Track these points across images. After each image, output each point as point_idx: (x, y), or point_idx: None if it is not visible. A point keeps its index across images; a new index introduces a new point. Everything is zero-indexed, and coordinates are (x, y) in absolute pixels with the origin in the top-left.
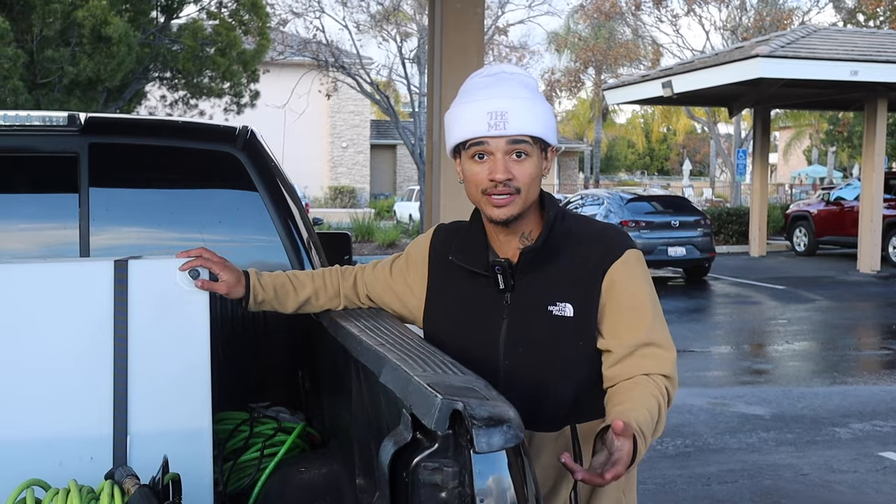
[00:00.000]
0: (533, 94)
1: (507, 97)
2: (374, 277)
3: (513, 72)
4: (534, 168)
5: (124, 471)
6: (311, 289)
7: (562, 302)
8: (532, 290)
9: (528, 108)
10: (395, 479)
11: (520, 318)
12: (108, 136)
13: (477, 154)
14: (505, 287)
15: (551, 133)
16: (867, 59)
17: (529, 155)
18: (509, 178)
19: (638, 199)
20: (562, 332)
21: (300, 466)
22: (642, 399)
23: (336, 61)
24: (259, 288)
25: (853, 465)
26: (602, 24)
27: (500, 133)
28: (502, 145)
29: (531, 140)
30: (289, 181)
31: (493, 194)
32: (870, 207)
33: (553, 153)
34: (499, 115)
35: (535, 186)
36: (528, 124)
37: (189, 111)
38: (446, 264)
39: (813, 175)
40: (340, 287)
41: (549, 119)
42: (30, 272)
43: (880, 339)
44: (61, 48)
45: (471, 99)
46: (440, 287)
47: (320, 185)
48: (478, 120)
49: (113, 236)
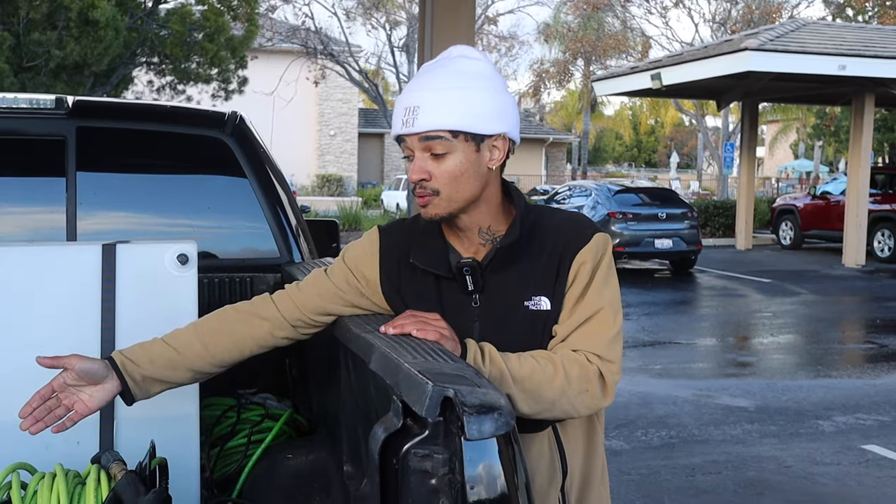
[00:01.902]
0: (463, 81)
1: (424, 90)
2: (310, 294)
3: (456, 55)
4: (457, 166)
5: (111, 455)
6: (199, 345)
7: (536, 296)
8: (503, 288)
9: (443, 100)
10: (385, 466)
11: (493, 318)
12: (96, 119)
13: (405, 153)
14: (474, 288)
15: (483, 123)
16: (856, 53)
17: (450, 151)
18: (423, 178)
19: (625, 191)
20: (539, 326)
21: (287, 453)
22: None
23: (325, 49)
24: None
25: (836, 457)
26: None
27: (409, 130)
28: (416, 143)
29: (449, 134)
30: (278, 167)
31: (416, 195)
32: (856, 202)
33: (505, 141)
34: (411, 110)
35: (462, 185)
36: (440, 118)
37: (176, 97)
38: (400, 269)
39: (799, 169)
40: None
41: (478, 107)
42: (17, 255)
43: (864, 332)
44: (48, 31)
45: (403, 92)
46: (398, 294)
47: (307, 173)
48: (397, 116)
49: (100, 221)
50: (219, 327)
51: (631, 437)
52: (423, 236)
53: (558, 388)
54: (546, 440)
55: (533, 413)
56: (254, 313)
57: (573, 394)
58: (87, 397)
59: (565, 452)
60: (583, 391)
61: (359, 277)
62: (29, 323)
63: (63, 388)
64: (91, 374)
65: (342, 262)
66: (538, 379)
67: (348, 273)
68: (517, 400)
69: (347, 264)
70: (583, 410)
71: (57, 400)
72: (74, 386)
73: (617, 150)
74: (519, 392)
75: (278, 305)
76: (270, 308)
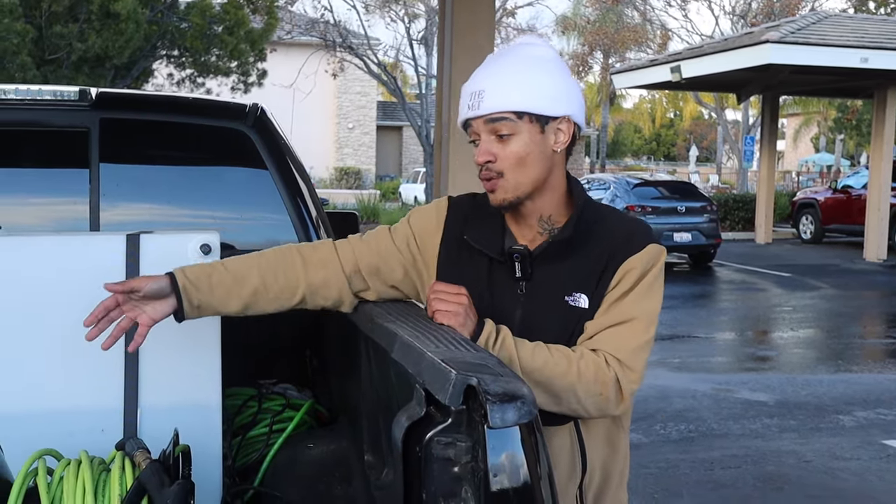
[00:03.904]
0: (528, 65)
1: (489, 75)
2: (371, 248)
3: (520, 43)
4: (522, 147)
5: (135, 443)
6: (257, 281)
7: (577, 292)
8: (549, 281)
9: (508, 83)
10: (408, 454)
11: (535, 309)
12: (119, 111)
13: (471, 138)
14: (522, 276)
15: (548, 104)
16: (878, 46)
17: (515, 133)
18: (489, 159)
19: (644, 185)
20: (575, 323)
21: (308, 442)
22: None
23: (343, 41)
24: (193, 290)
25: (856, 452)
26: (611, 7)
27: (475, 114)
28: (482, 125)
29: (514, 116)
30: (298, 159)
31: (482, 179)
32: (877, 196)
33: (569, 124)
34: (477, 94)
35: (528, 167)
36: (505, 100)
37: (196, 89)
38: (459, 242)
39: (820, 163)
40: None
41: (543, 89)
42: (43, 245)
43: (885, 327)
44: (70, 24)
45: (469, 79)
46: (451, 265)
47: (326, 165)
48: (463, 101)
49: (123, 212)
50: (279, 266)
51: (650, 430)
52: (484, 215)
53: (567, 385)
54: (567, 435)
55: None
56: (315, 258)
57: (583, 394)
58: (152, 310)
59: (586, 449)
60: (595, 394)
61: (420, 244)
62: (53, 312)
63: (126, 301)
64: (155, 294)
65: (407, 223)
66: (549, 372)
67: (410, 236)
68: None
69: (412, 227)
70: (593, 411)
71: (120, 311)
72: (137, 300)
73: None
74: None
75: (339, 253)
76: (332, 255)
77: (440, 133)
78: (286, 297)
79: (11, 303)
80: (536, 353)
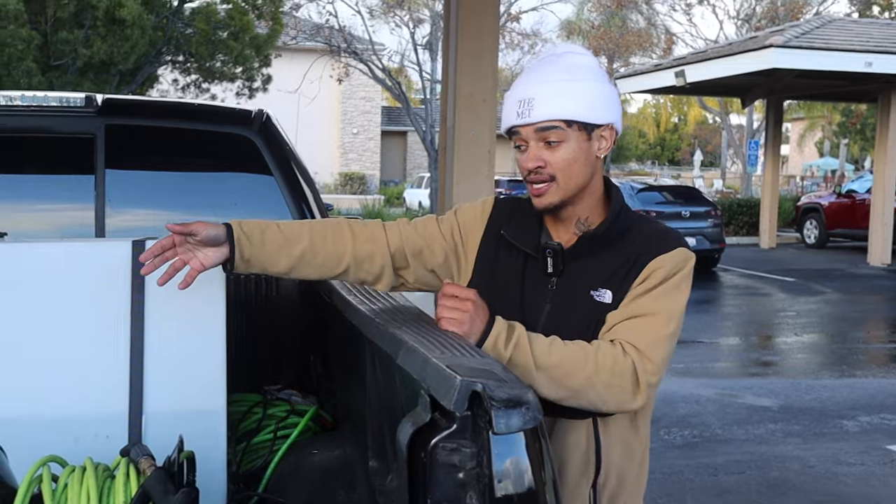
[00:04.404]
0: (574, 74)
1: (537, 83)
2: (417, 230)
3: (563, 52)
4: (571, 153)
5: (140, 449)
6: (306, 243)
7: (603, 288)
8: (579, 277)
9: (557, 92)
10: (413, 460)
11: (563, 304)
12: (125, 117)
13: (517, 143)
14: (553, 272)
15: (595, 113)
16: (882, 50)
17: (564, 140)
18: (540, 165)
19: (648, 189)
20: (598, 318)
21: (313, 448)
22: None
23: (348, 47)
24: (247, 244)
25: (860, 457)
26: (615, 12)
27: (526, 121)
28: (531, 133)
29: (563, 124)
30: (303, 165)
31: (531, 182)
32: (881, 200)
33: (612, 132)
34: (526, 102)
35: (575, 172)
36: (556, 109)
37: (201, 95)
38: (498, 238)
39: (824, 167)
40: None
41: (590, 98)
42: (49, 252)
43: (889, 332)
44: (75, 30)
45: (512, 87)
46: (488, 259)
47: (330, 171)
48: (510, 109)
49: (128, 218)
50: (328, 234)
51: (654, 435)
52: (524, 216)
53: (585, 378)
54: (584, 432)
55: (558, 399)
56: (364, 233)
57: (601, 386)
58: (203, 256)
59: (602, 448)
60: (612, 385)
61: (463, 235)
62: (59, 318)
63: (182, 243)
64: (211, 240)
65: (453, 215)
66: (567, 367)
67: (455, 227)
68: (540, 385)
69: (458, 218)
70: (612, 405)
71: (174, 252)
72: (193, 243)
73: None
74: (543, 378)
75: (387, 231)
76: (380, 232)
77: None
78: (331, 265)
79: (17, 309)
80: (553, 349)
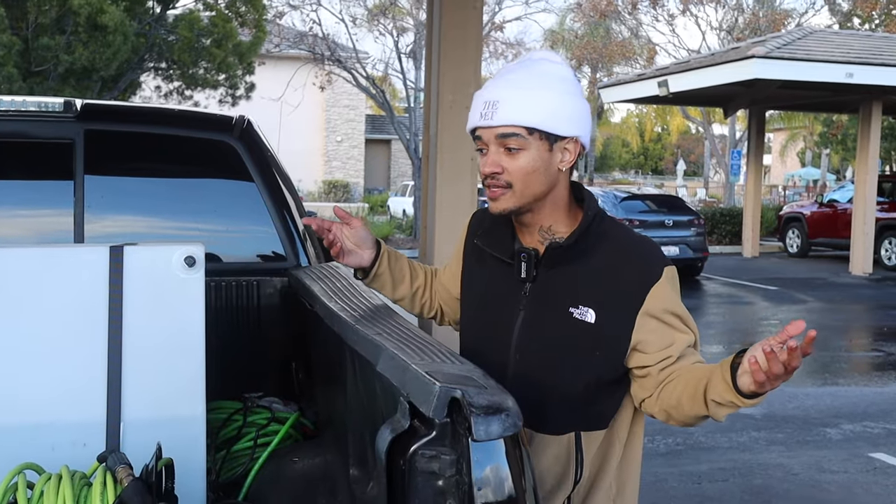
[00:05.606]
0: (544, 82)
1: (505, 87)
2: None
3: (539, 58)
4: (530, 162)
5: (117, 457)
6: (421, 280)
7: (584, 306)
8: (553, 287)
9: (522, 98)
10: (392, 467)
11: (536, 312)
12: (104, 122)
13: (478, 146)
14: (526, 277)
15: (558, 124)
16: (863, 61)
17: (524, 148)
18: (497, 171)
19: (632, 198)
20: (578, 337)
21: (293, 456)
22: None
23: (332, 55)
24: (386, 260)
25: (843, 465)
26: (598, 22)
27: (488, 123)
28: (492, 137)
29: (525, 131)
30: (285, 172)
31: (487, 187)
32: (863, 210)
33: (576, 145)
34: (491, 104)
35: (532, 182)
36: (518, 115)
37: (184, 102)
38: (475, 248)
39: (806, 177)
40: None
41: (555, 108)
42: (25, 257)
43: (871, 340)
44: (56, 36)
45: (483, 87)
46: (469, 271)
47: (314, 178)
48: (475, 109)
49: (108, 224)
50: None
51: None
52: (494, 222)
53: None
54: (566, 446)
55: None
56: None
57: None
58: (346, 251)
59: (584, 459)
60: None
61: (459, 258)
62: (37, 324)
63: (339, 229)
64: (361, 241)
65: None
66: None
67: (458, 250)
68: None
69: (456, 245)
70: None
71: (327, 234)
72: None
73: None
74: None
75: (437, 271)
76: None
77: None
78: (418, 306)
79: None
80: None
